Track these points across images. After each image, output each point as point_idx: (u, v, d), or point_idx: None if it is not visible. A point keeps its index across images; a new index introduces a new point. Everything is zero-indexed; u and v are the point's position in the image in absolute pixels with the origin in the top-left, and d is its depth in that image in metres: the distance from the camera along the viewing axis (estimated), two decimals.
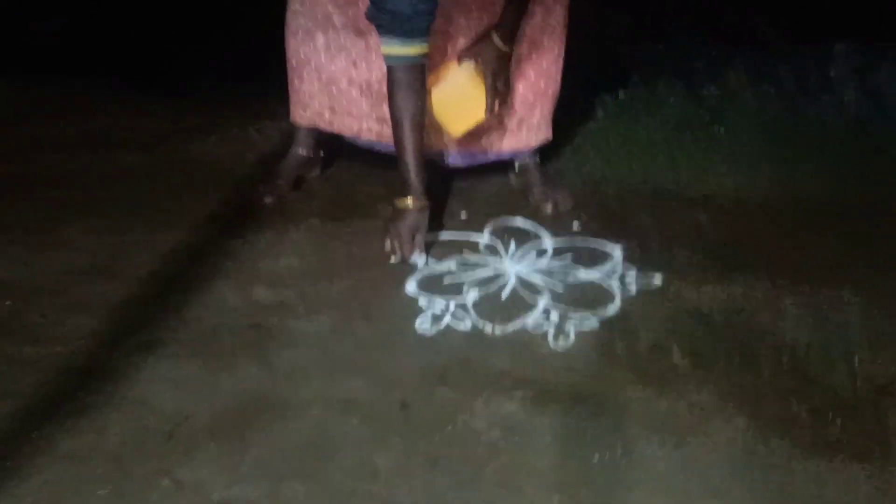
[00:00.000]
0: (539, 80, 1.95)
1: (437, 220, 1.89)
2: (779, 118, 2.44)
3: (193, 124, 2.38)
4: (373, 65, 1.90)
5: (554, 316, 1.59)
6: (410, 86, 1.74)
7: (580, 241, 1.83)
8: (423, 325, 1.57)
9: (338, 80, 1.95)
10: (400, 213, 1.77)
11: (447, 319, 1.58)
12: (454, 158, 2.00)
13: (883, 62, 2.60)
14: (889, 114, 2.42)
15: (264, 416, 1.36)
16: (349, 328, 1.57)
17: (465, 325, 1.57)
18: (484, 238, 1.85)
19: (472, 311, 1.60)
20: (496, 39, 1.79)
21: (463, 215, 1.94)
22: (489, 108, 1.82)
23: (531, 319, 1.58)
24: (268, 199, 1.98)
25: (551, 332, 1.55)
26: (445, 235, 1.86)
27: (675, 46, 2.83)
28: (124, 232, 1.85)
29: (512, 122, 1.97)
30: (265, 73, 2.18)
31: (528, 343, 1.53)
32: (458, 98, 1.83)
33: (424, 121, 1.80)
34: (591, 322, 1.58)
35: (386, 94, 1.78)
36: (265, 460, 1.27)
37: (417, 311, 1.61)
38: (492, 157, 2.02)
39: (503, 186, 2.06)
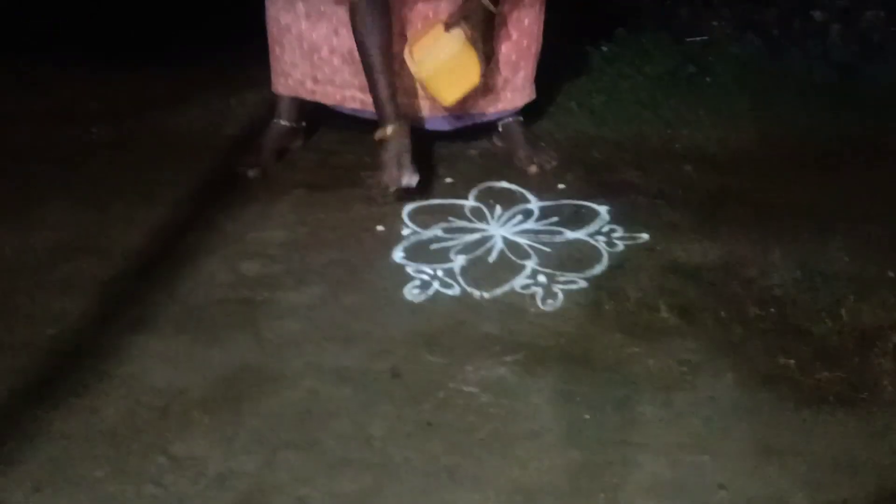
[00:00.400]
0: (521, 40, 1.93)
1: (421, 186, 1.88)
2: (764, 66, 2.42)
3: (170, 95, 2.34)
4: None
5: (542, 277, 1.60)
6: (374, 16, 1.75)
7: (566, 201, 1.83)
8: (411, 291, 1.57)
9: (319, 48, 1.92)
10: (382, 144, 1.79)
11: (436, 286, 1.59)
12: (438, 123, 1.98)
13: (867, 2, 2.57)
14: (874, 56, 2.40)
15: (257, 389, 1.37)
16: (338, 298, 1.57)
17: (454, 290, 1.58)
18: (469, 202, 1.85)
19: (459, 277, 1.61)
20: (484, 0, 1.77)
21: (448, 179, 1.94)
22: (483, 74, 1.80)
23: (519, 282, 1.59)
24: (251, 173, 1.96)
25: (540, 293, 1.56)
26: (431, 201, 1.85)
27: None
28: (105, 207, 1.83)
29: (496, 84, 1.95)
30: (244, 41, 2.14)
31: (516, 306, 1.54)
32: (452, 66, 1.81)
33: (392, 50, 1.82)
34: (579, 283, 1.58)
35: None
36: (260, 432, 1.29)
37: (406, 278, 1.61)
38: (476, 119, 2.00)
39: (487, 150, 2.04)
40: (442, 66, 1.81)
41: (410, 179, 1.78)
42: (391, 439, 1.26)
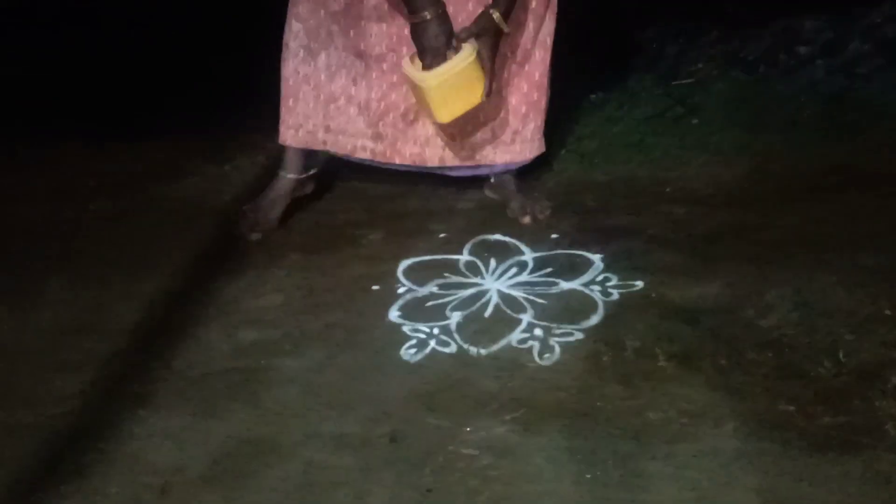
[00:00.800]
0: (532, 92, 1.96)
1: (415, 242, 1.89)
2: (751, 102, 2.44)
3: (165, 166, 2.37)
4: (372, 83, 1.93)
5: (538, 331, 1.60)
6: None
7: (560, 251, 1.84)
8: (408, 352, 1.58)
9: (337, 98, 1.96)
10: (420, 28, 1.75)
11: (432, 344, 1.59)
12: (445, 170, 2.01)
13: (851, 37, 2.60)
14: (860, 89, 2.42)
15: (257, 461, 1.37)
16: (336, 362, 1.58)
17: (451, 348, 1.58)
18: (464, 256, 1.85)
19: (456, 334, 1.61)
20: (497, 18, 1.77)
21: (442, 234, 1.95)
22: (488, 92, 1.80)
23: (516, 336, 1.59)
24: (254, 236, 1.98)
25: (537, 347, 1.56)
26: (426, 257, 1.86)
27: (646, 34, 2.82)
28: (103, 283, 1.85)
29: (505, 134, 1.97)
30: (234, 108, 2.18)
31: (514, 361, 1.54)
32: (457, 81, 1.77)
33: None
34: (575, 335, 1.58)
35: (382, 111, 1.87)
36: None
37: (402, 337, 1.62)
38: (483, 170, 2.02)
39: (480, 201, 2.05)
40: (447, 79, 1.76)
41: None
42: None
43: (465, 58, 1.76)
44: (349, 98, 1.96)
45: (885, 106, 2.32)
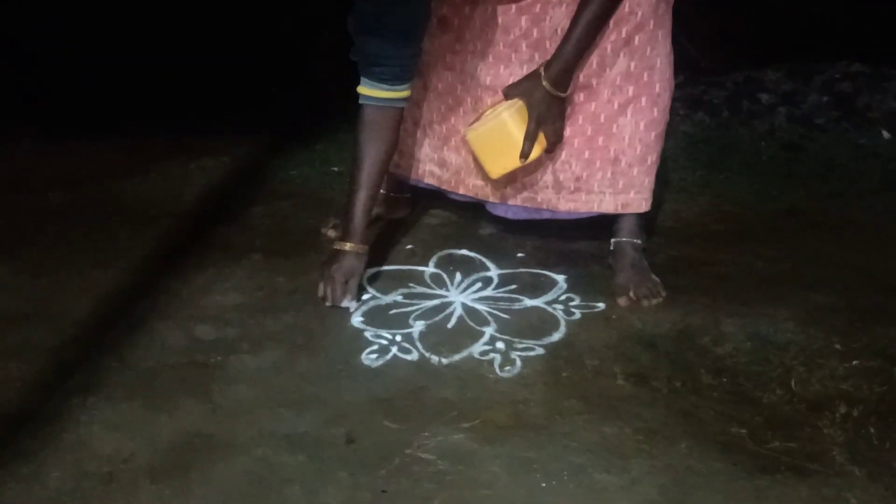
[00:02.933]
0: (596, 137, 1.77)
1: (382, 252, 1.89)
2: (714, 144, 2.51)
3: (128, 163, 2.34)
4: (432, 105, 1.88)
5: (500, 344, 1.60)
6: (378, 128, 1.70)
7: (525, 270, 1.86)
8: (369, 357, 1.57)
9: (404, 121, 1.83)
10: (336, 256, 1.72)
11: (394, 350, 1.58)
12: (503, 210, 1.90)
13: (810, 89, 2.71)
14: (816, 138, 2.51)
15: (207, 456, 1.33)
16: (293, 363, 1.56)
17: (412, 356, 1.57)
18: (429, 268, 1.86)
19: (418, 342, 1.61)
20: (544, 80, 1.66)
21: (409, 246, 1.95)
22: (524, 154, 1.69)
23: (477, 348, 1.59)
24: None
25: (498, 360, 1.56)
26: (391, 266, 1.86)
27: None
28: (57, 274, 1.81)
29: (567, 180, 1.81)
30: (203, 109, 2.16)
31: (475, 372, 1.54)
32: (498, 136, 1.71)
33: (387, 166, 1.78)
34: (536, 350, 1.59)
35: (445, 136, 1.82)
36: (209, 501, 1.25)
37: (364, 343, 1.61)
38: (544, 215, 1.88)
39: (447, 217, 2.07)
40: (486, 132, 1.72)
41: (349, 303, 1.70)
42: None
43: (497, 114, 1.70)
44: (416, 121, 1.90)
45: (838, 156, 2.42)
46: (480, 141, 1.74)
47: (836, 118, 2.58)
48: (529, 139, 1.69)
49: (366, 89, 1.69)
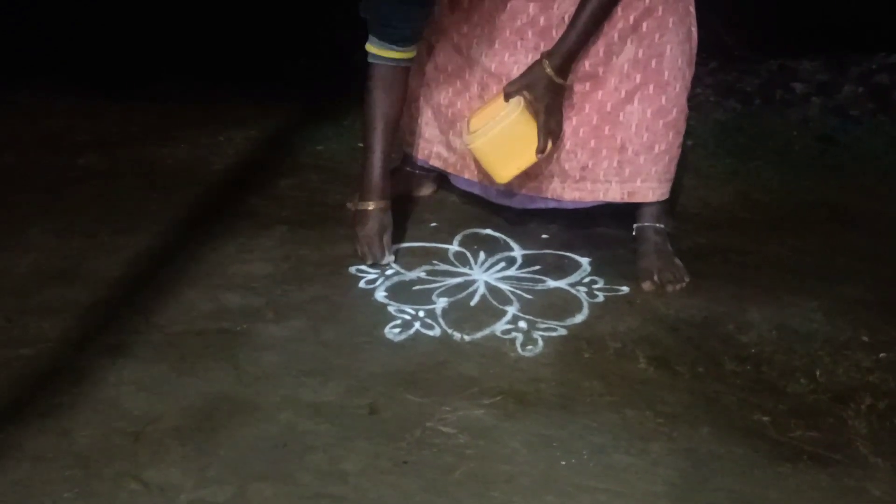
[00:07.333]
0: (603, 126, 1.74)
1: (406, 229, 1.90)
2: (745, 132, 2.49)
3: (159, 129, 2.37)
4: (440, 87, 1.87)
5: (522, 324, 1.61)
6: (388, 86, 1.73)
7: (549, 251, 1.86)
8: (392, 331, 1.58)
9: (416, 98, 1.88)
10: (363, 216, 1.75)
11: (417, 326, 1.59)
12: (505, 199, 1.90)
13: (845, 80, 2.67)
14: (850, 130, 2.48)
15: (232, 419, 1.36)
16: (318, 333, 1.57)
17: (435, 331, 1.58)
18: (453, 246, 1.86)
19: (441, 319, 1.61)
20: (548, 68, 1.63)
21: (433, 224, 1.95)
22: (541, 149, 1.67)
23: (500, 326, 1.60)
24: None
25: (520, 339, 1.57)
26: (415, 243, 1.87)
27: None
28: (89, 235, 1.84)
29: (572, 168, 1.79)
30: (235, 81, 2.18)
31: (496, 350, 1.55)
32: (506, 138, 1.66)
33: (398, 123, 1.80)
34: (559, 330, 1.59)
35: (451, 119, 1.81)
36: (233, 462, 1.27)
37: (387, 317, 1.62)
38: (550, 204, 1.86)
39: (473, 197, 2.07)
40: (495, 137, 1.65)
41: (390, 258, 1.74)
42: (366, 476, 1.25)
43: (507, 114, 1.65)
44: (427, 99, 1.89)
45: (872, 149, 2.39)
46: (488, 148, 1.69)
47: (871, 110, 2.54)
48: (544, 133, 1.66)
49: (374, 48, 1.71)
